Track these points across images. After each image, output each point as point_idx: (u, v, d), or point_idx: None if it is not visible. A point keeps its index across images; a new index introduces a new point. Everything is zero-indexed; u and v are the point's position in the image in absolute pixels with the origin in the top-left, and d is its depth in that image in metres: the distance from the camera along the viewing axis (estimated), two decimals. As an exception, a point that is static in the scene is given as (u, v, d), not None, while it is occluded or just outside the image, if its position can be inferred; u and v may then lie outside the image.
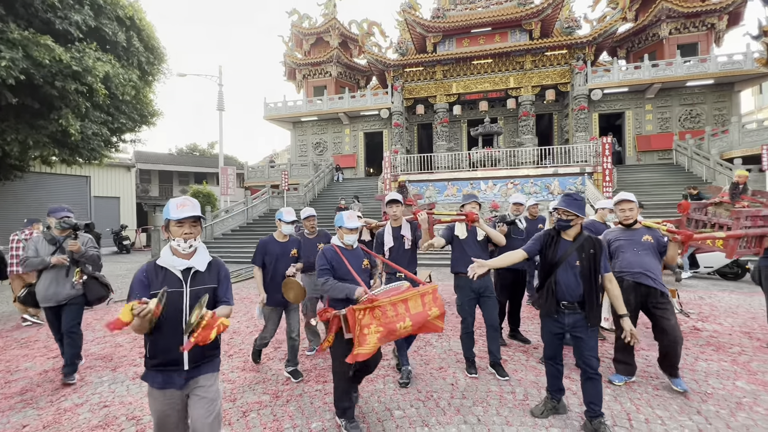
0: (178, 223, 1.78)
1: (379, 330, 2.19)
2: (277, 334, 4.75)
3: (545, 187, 14.47)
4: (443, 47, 19.91)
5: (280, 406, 3.01)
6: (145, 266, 1.81)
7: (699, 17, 17.64)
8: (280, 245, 3.61)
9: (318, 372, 3.68)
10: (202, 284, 1.84)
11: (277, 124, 23.80)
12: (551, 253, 2.64)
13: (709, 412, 2.85)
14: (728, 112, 17.52)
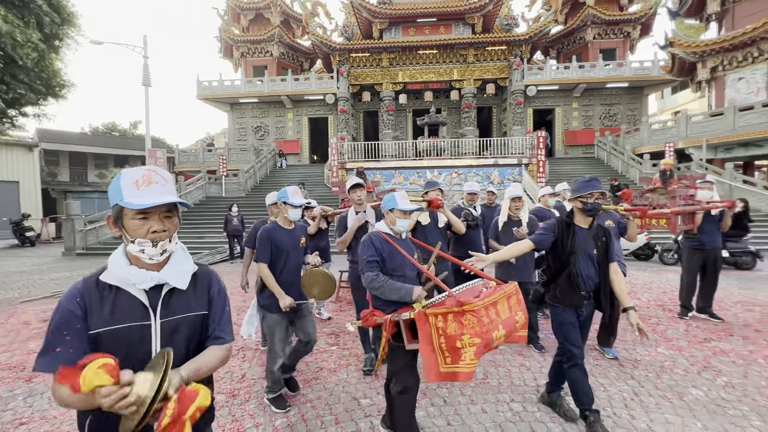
0: (140, 214, 1.04)
1: (474, 342, 1.72)
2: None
3: (486, 177, 15.23)
4: (389, 34, 19.80)
5: (239, 405, 2.80)
6: (78, 287, 1.06)
7: (618, 25, 19.56)
8: (288, 234, 2.85)
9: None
10: (183, 312, 1.13)
11: (212, 104, 22.04)
12: (569, 242, 2.45)
13: (640, 377, 3.20)
14: (639, 112, 19.82)
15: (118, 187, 1.04)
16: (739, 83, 14.29)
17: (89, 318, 1.03)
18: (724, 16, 14.91)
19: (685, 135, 14.79)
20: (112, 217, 1.08)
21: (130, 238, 1.05)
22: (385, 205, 2.26)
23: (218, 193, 16.33)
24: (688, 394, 2.91)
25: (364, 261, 2.16)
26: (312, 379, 3.25)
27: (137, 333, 1.06)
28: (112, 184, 1.05)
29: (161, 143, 29.54)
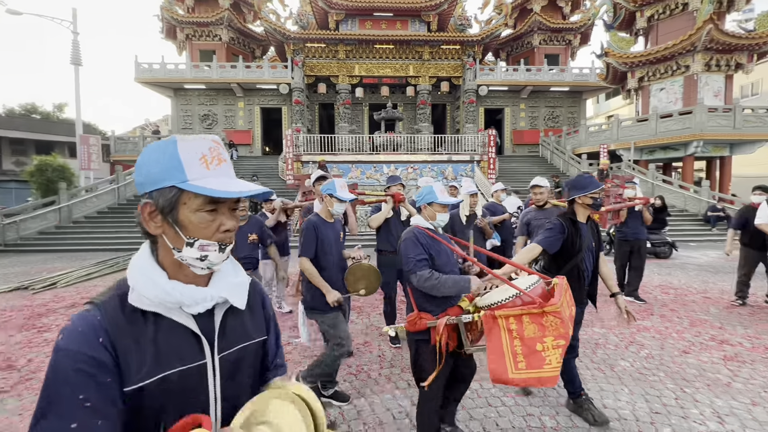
0: (211, 205, 0.72)
1: (560, 344, 1.59)
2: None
3: (441, 173, 15.72)
4: (346, 26, 19.59)
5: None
6: (94, 319, 0.68)
7: (561, 33, 20.96)
8: (331, 228, 2.69)
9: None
10: (242, 340, 0.82)
11: (152, 88, 20.44)
12: (578, 240, 2.44)
13: (580, 353, 3.58)
14: (578, 115, 21.48)
15: (174, 161, 0.68)
16: (661, 93, 16.02)
17: (123, 366, 0.66)
18: (650, 32, 16.58)
19: (616, 138, 16.32)
20: (156, 207, 0.70)
21: (187, 239, 0.70)
22: (424, 199, 2.12)
23: (162, 184, 15.26)
24: (617, 366, 3.31)
25: (412, 259, 1.98)
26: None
27: (192, 378, 0.73)
28: (157, 155, 0.69)
29: (93, 129, 26.88)
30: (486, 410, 2.63)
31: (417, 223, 2.14)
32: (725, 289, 5.94)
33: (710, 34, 13.59)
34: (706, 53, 14.42)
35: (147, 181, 0.70)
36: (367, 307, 5.08)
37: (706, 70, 14.77)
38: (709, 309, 4.95)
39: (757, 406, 2.66)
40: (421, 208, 2.15)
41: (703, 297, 5.55)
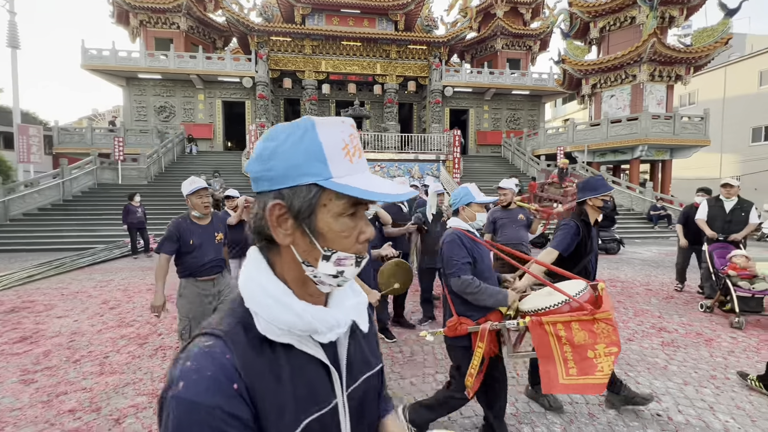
0: (352, 208, 0.57)
1: (612, 351, 1.57)
2: (157, 323, 4.09)
3: (407, 171, 15.92)
4: (312, 21, 19.28)
5: (164, 405, 2.64)
6: (221, 356, 0.51)
7: (522, 39, 21.82)
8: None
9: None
10: (364, 369, 0.68)
11: (102, 77, 19.07)
12: (589, 242, 2.52)
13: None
14: (537, 118, 22.49)
15: (315, 152, 0.53)
16: (612, 99, 17.14)
17: (263, 420, 0.51)
18: (602, 42, 17.67)
19: (572, 140, 17.27)
20: (288, 209, 0.55)
21: (324, 251, 0.55)
22: (461, 200, 2.08)
23: (113, 179, 14.32)
24: (571, 354, 3.55)
25: (456, 262, 1.93)
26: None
27: (327, 424, 0.59)
28: (292, 142, 0.53)
29: (33, 118, 24.67)
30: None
31: (456, 225, 2.08)
32: (665, 281, 6.51)
33: (654, 47, 14.71)
34: (651, 64, 15.60)
35: (277, 175, 0.54)
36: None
37: (650, 80, 15.98)
38: (651, 300, 5.41)
39: (688, 385, 2.96)
40: (459, 210, 2.11)
41: (646, 289, 6.05)
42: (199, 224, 2.78)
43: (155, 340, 3.82)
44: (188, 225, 2.74)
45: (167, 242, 2.65)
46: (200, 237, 2.74)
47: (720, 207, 5.01)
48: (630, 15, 16.09)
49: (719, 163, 22.28)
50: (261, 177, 0.56)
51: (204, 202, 2.74)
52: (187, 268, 2.72)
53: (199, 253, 2.70)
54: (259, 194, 0.57)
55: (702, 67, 16.61)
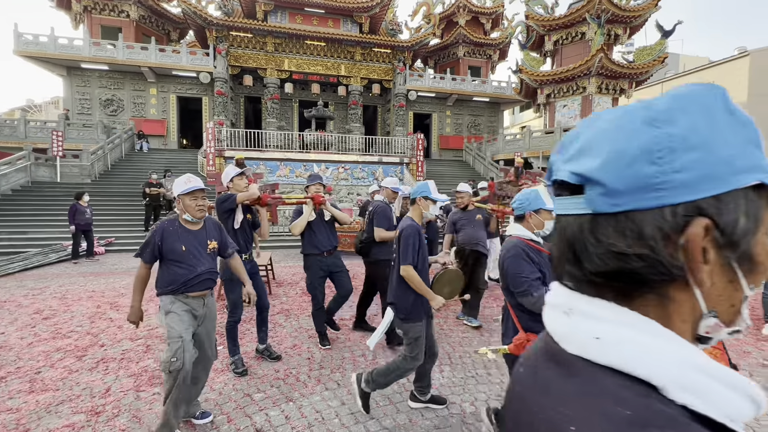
0: None
1: None
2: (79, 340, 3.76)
3: (371, 174, 15.92)
4: (275, 18, 18.82)
5: (106, 422, 2.42)
6: None
7: (482, 47, 22.61)
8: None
9: (150, 374, 3.10)
10: None
11: (39, 65, 17.44)
12: None
13: (496, 342, 3.91)
14: (497, 125, 23.36)
15: (747, 128, 0.35)
16: (564, 109, 18.18)
17: None
18: (555, 54, 18.71)
19: (528, 147, 18.11)
20: (722, 228, 0.34)
21: (749, 289, 0.36)
22: (531, 205, 1.89)
23: (50, 177, 13.11)
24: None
25: (525, 279, 1.75)
26: (195, 383, 3.00)
27: None
28: (701, 121, 0.34)
29: (-46, 107, 22.03)
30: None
31: (518, 233, 1.88)
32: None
33: (601, 62, 15.79)
34: (599, 77, 16.73)
35: (694, 177, 0.33)
36: (296, 309, 4.96)
37: (598, 92, 17.13)
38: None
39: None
40: (525, 217, 1.90)
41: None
42: (189, 229, 2.40)
43: (96, 352, 3.51)
44: (176, 230, 2.35)
45: (148, 248, 2.30)
46: (191, 244, 2.36)
47: None
48: (580, 31, 17.18)
49: (657, 171, 24.30)
50: (655, 184, 0.33)
51: (199, 206, 2.36)
52: (175, 281, 2.29)
53: (190, 263, 2.32)
54: (629, 213, 0.34)
55: (643, 83, 18.05)
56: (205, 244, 2.43)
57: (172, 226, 2.36)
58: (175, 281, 2.30)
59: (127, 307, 4.95)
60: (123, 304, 5.09)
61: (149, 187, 10.27)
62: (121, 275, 6.98)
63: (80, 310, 4.76)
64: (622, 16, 16.57)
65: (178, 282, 2.30)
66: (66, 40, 16.90)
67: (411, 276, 2.37)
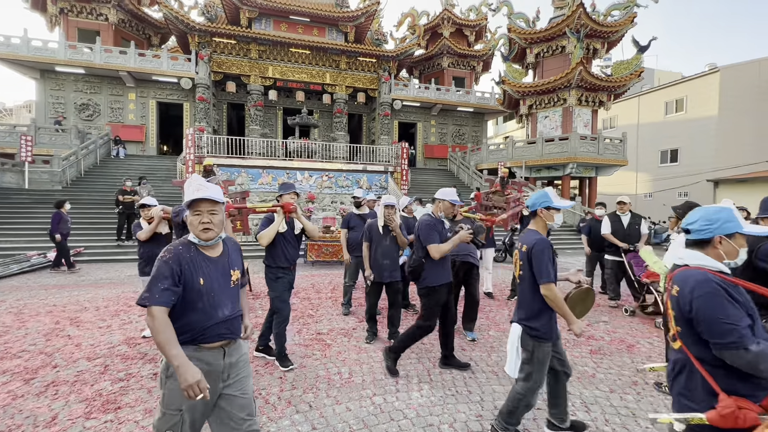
0: None
1: None
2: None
3: (356, 182, 15.79)
4: (259, 25, 18.69)
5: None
6: None
7: (466, 59, 22.96)
8: None
9: (105, 399, 2.85)
10: None
11: (10, 67, 16.83)
12: None
13: (476, 357, 3.79)
14: (481, 134, 23.64)
15: None
16: (546, 120, 18.52)
17: None
18: (537, 66, 19.11)
19: (511, 156, 18.33)
20: None
21: None
22: (720, 228, 1.46)
23: (17, 183, 12.51)
24: (509, 367, 3.58)
25: (736, 329, 1.29)
26: (153, 408, 2.76)
27: None
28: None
29: None
30: (388, 425, 2.58)
31: (702, 263, 1.46)
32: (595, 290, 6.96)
33: (581, 75, 16.19)
34: (579, 90, 17.13)
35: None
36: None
37: (578, 104, 17.53)
38: (580, 308, 5.72)
39: (614, 392, 3.09)
40: (714, 242, 1.47)
41: (576, 298, 6.42)
42: (208, 256, 1.70)
43: (47, 375, 3.23)
44: (193, 256, 1.65)
45: (165, 283, 1.54)
46: (211, 277, 1.67)
47: (618, 221, 5.71)
48: (561, 44, 17.61)
49: (635, 181, 24.96)
50: None
51: (203, 223, 1.66)
52: (186, 329, 1.61)
53: (210, 303, 1.65)
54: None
55: (621, 95, 18.57)
56: (228, 275, 1.75)
57: (188, 251, 1.65)
58: (186, 330, 1.60)
59: (89, 322, 4.66)
60: (84, 319, 4.77)
61: (123, 195, 9.89)
62: (87, 288, 6.61)
63: (36, 327, 4.43)
64: (600, 31, 17.08)
65: (191, 330, 1.61)
66: (40, 43, 16.38)
67: (554, 296, 2.18)
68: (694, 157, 21.82)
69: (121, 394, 2.91)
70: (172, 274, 1.56)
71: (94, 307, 5.32)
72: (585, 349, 4.04)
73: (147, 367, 3.41)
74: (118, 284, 6.96)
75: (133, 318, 4.85)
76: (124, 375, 3.23)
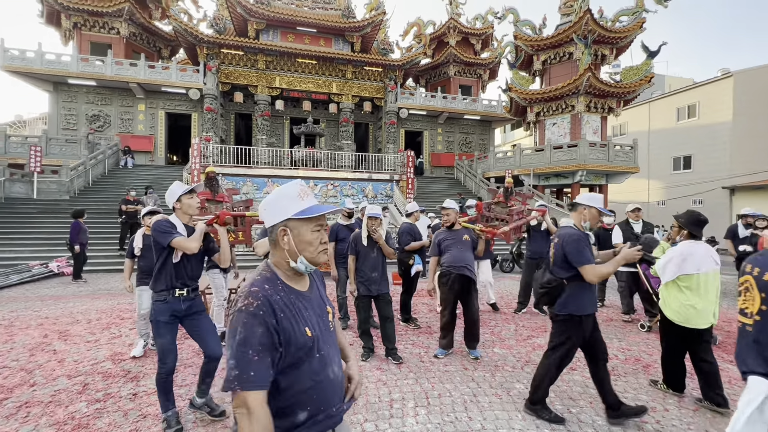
0: None
1: None
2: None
3: (361, 191, 15.67)
4: (267, 36, 18.90)
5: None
6: None
7: (473, 67, 22.87)
8: None
9: (77, 422, 2.67)
10: None
11: (24, 80, 17.23)
12: None
13: (479, 378, 3.53)
14: (488, 142, 23.41)
15: None
16: (554, 127, 18.23)
17: None
18: (544, 73, 18.90)
19: (519, 164, 18.04)
20: None
21: None
22: None
23: (26, 193, 12.65)
24: (513, 389, 3.31)
25: None
26: None
27: None
28: None
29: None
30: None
31: None
32: (606, 303, 6.62)
33: (589, 81, 15.92)
34: (587, 96, 16.84)
35: None
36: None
37: (587, 111, 17.22)
38: (592, 323, 5.41)
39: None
40: None
41: (587, 311, 6.10)
42: (299, 291, 1.20)
43: (23, 394, 3.07)
44: (285, 297, 1.13)
45: (261, 353, 1.02)
46: (314, 322, 1.18)
47: (631, 231, 5.45)
48: (568, 51, 17.39)
49: (647, 189, 24.38)
50: None
51: (324, 242, 1.26)
52: (304, 408, 1.11)
53: (325, 363, 1.17)
54: None
55: (630, 102, 18.21)
56: (325, 314, 1.26)
57: (275, 290, 1.12)
58: (304, 407, 1.11)
59: (78, 335, 4.52)
60: (74, 332, 4.64)
61: (126, 204, 9.88)
62: (83, 299, 6.51)
63: (23, 341, 4.30)
64: (608, 37, 16.83)
65: (312, 413, 1.12)
66: (53, 56, 16.76)
67: None
68: (708, 163, 21.24)
69: (96, 417, 2.73)
70: (268, 330, 1.04)
71: (86, 319, 5.19)
72: (597, 369, 3.75)
73: (128, 386, 3.23)
74: (115, 295, 6.85)
75: (123, 332, 4.69)
76: (103, 395, 3.06)
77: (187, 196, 2.69)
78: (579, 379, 3.52)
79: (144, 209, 4.06)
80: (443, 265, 4.04)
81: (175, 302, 2.56)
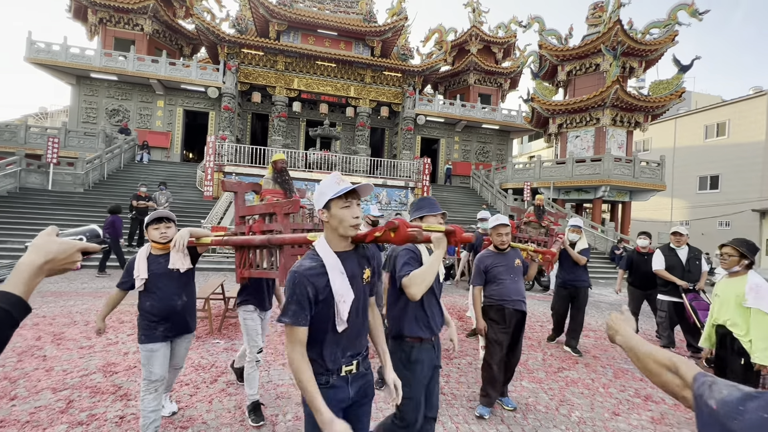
0: None
1: None
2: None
3: (375, 196, 15.32)
4: (287, 38, 18.85)
5: None
6: None
7: (493, 76, 22.45)
8: None
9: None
10: None
11: (49, 73, 17.45)
12: None
13: (509, 419, 3.09)
14: (506, 153, 22.89)
15: None
16: (576, 140, 17.66)
17: None
18: (569, 84, 18.38)
19: (538, 176, 17.49)
20: None
21: None
22: None
23: (41, 184, 12.65)
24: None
25: None
26: None
27: None
28: None
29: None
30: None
31: None
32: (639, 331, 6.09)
33: (617, 94, 15.36)
34: (613, 109, 16.26)
35: None
36: (270, 353, 4.17)
37: (612, 124, 16.63)
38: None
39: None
40: None
41: (620, 341, 5.58)
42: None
43: (0, 410, 2.75)
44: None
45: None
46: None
47: (675, 256, 4.93)
48: (595, 62, 16.87)
49: (670, 208, 23.48)
50: None
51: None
52: None
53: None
54: None
55: (658, 116, 17.55)
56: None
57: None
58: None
59: (72, 339, 4.23)
60: (68, 336, 4.35)
61: (137, 200, 9.71)
62: (85, 297, 6.26)
63: (14, 342, 4.03)
64: (638, 50, 16.26)
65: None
66: (78, 50, 16.96)
67: None
68: (737, 184, 20.34)
69: (74, 446, 2.39)
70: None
71: (84, 321, 4.91)
72: (644, 415, 3.27)
73: (116, 406, 2.89)
74: (118, 294, 6.59)
75: (120, 338, 4.39)
76: (86, 417, 2.72)
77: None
78: (624, 427, 3.05)
79: (149, 216, 2.47)
80: (492, 298, 3.25)
81: None
